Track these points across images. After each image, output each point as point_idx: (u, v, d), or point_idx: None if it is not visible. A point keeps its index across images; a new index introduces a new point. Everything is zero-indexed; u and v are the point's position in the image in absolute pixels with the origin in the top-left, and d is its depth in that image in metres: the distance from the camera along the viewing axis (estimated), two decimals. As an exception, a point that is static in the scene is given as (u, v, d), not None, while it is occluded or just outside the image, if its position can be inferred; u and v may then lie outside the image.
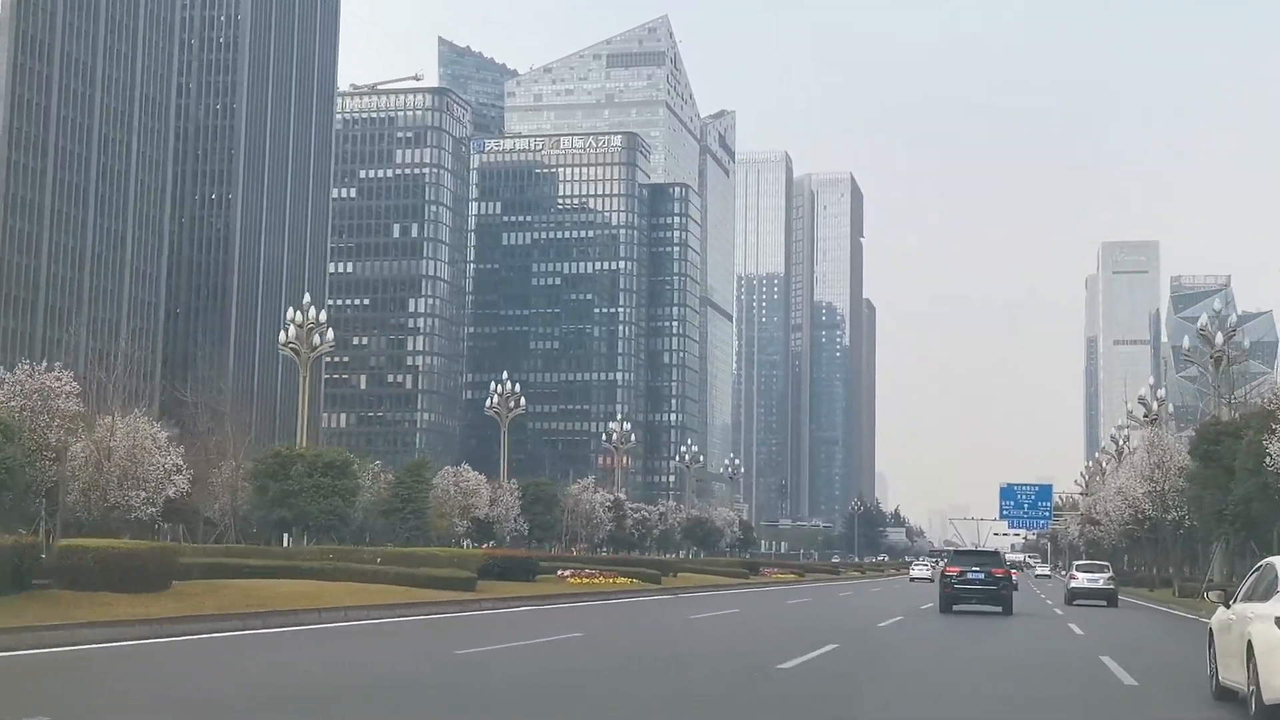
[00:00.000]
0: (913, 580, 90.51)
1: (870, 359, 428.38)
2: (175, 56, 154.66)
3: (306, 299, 60.15)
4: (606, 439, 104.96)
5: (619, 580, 46.93)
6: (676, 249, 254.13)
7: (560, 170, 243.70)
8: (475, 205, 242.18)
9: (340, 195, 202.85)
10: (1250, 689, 12.95)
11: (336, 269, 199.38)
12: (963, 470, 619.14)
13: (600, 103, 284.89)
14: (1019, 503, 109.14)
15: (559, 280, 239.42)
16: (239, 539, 58.32)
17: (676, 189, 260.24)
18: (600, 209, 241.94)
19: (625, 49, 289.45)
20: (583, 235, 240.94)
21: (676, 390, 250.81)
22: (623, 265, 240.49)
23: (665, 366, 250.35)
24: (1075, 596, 49.57)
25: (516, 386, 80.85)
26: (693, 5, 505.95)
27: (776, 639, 24.48)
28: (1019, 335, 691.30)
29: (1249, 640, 12.91)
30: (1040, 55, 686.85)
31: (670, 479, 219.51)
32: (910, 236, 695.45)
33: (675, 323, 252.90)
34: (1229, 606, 14.69)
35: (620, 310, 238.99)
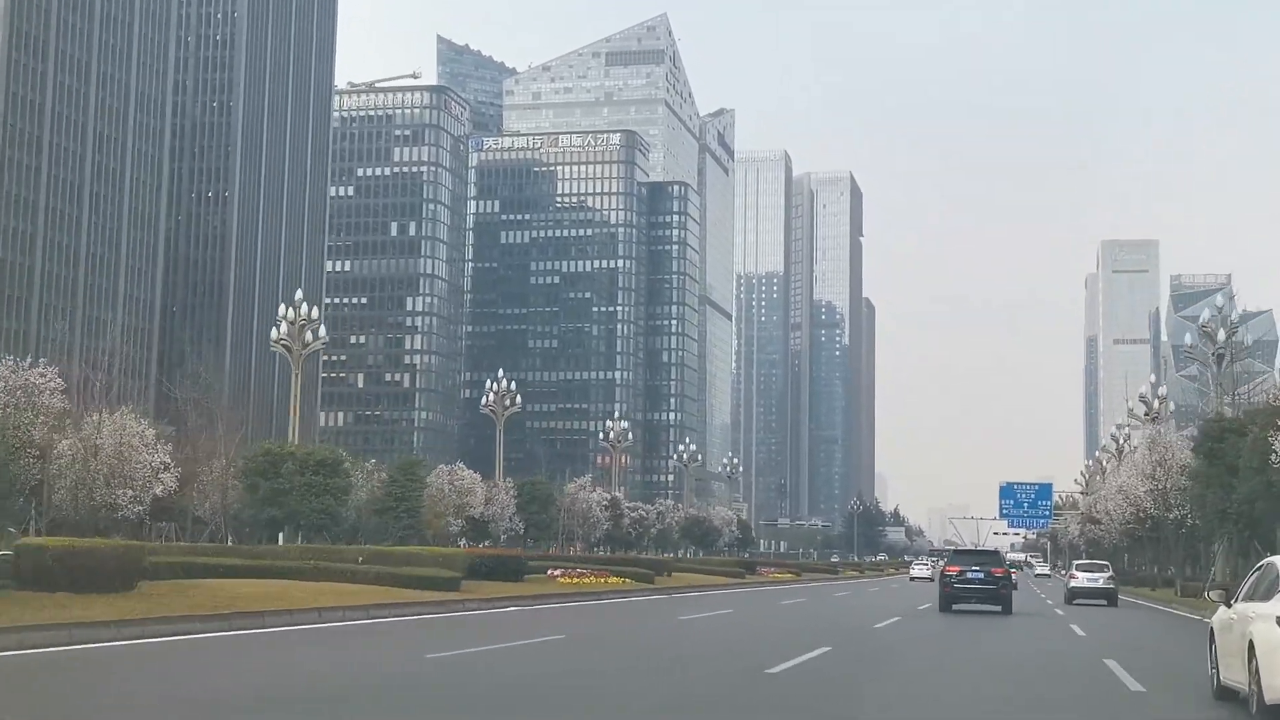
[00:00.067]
0: (913, 580, 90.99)
1: (870, 358, 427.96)
2: (171, 53, 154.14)
3: (299, 295, 59.68)
4: (604, 438, 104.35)
5: (611, 580, 46.32)
6: (675, 247, 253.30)
7: (559, 168, 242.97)
8: (473, 204, 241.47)
9: (338, 193, 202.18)
10: (1251, 688, 13.00)
11: (334, 267, 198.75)
12: (962, 470, 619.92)
13: (599, 101, 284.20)
14: (1019, 502, 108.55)
15: (557, 279, 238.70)
16: (230, 538, 57.80)
17: (675, 187, 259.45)
18: (599, 207, 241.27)
19: (624, 47, 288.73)
20: (581, 234, 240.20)
21: (675, 389, 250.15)
22: (621, 264, 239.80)
23: (664, 365, 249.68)
24: (1075, 596, 49.77)
25: (512, 384, 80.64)
26: (692, 5, 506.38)
27: (768, 641, 23.92)
28: (1019, 335, 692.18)
29: (1250, 640, 12.95)
30: (1040, 55, 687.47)
31: (669, 478, 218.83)
32: (910, 236, 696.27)
33: (674, 321, 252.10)
34: (1230, 606, 14.73)
35: (619, 309, 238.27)
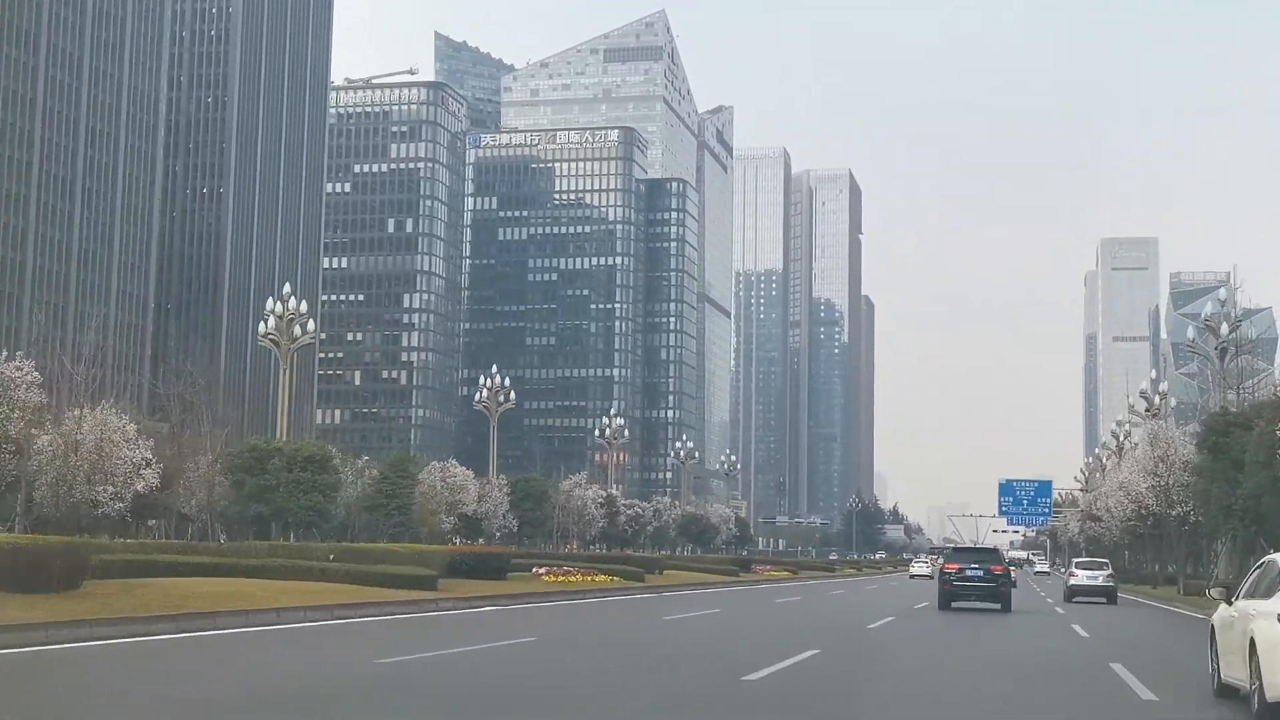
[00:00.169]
0: (913, 577, 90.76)
1: (869, 356, 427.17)
2: (165, 49, 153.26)
3: (286, 289, 59.01)
4: (601, 435, 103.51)
5: (598, 578, 45.46)
6: (674, 244, 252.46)
7: (557, 165, 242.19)
8: (471, 200, 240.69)
9: (334, 190, 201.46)
10: (1252, 686, 12.95)
11: (330, 264, 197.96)
12: (962, 469, 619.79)
13: (597, 97, 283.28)
14: (1018, 499, 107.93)
15: (555, 276, 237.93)
16: (222, 536, 57.00)
17: (674, 184, 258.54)
18: (597, 204, 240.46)
19: (622, 44, 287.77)
20: (579, 230, 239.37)
21: (674, 386, 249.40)
22: (620, 261, 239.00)
23: (662, 363, 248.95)
24: (1075, 594, 49.62)
25: (507, 381, 79.94)
26: (691, 3, 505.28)
27: (752, 642, 23.05)
28: (1019, 335, 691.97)
29: (1251, 637, 12.87)
30: (1040, 55, 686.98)
31: (667, 476, 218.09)
32: (910, 236, 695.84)
33: (672, 319, 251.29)
34: (1231, 603, 14.64)
35: (617, 306, 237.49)
